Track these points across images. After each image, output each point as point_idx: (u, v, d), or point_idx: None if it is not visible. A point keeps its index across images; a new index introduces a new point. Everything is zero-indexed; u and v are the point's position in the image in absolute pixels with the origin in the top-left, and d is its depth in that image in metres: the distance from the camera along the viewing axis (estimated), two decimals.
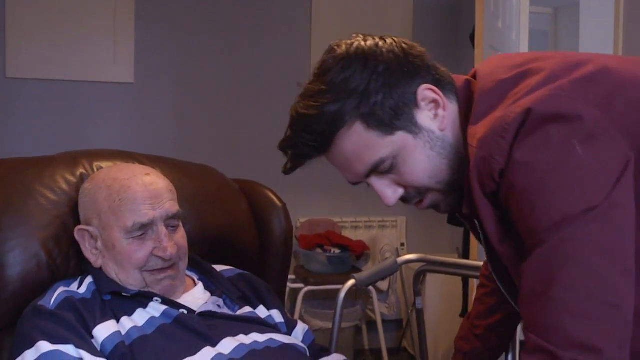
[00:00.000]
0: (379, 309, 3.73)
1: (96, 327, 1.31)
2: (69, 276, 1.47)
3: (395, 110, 1.09)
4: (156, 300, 1.40)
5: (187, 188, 1.68)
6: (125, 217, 1.38)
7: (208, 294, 1.51)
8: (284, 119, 1.17)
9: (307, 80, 1.15)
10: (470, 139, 1.08)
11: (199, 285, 1.53)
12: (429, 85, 1.12)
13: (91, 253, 1.43)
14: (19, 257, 1.42)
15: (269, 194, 1.88)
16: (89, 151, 1.67)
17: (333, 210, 4.01)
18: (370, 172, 1.13)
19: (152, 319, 1.36)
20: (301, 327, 1.61)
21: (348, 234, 4.00)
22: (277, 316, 1.57)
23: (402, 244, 4.16)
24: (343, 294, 1.90)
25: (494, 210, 1.07)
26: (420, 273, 2.08)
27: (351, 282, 1.88)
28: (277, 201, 1.87)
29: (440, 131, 1.13)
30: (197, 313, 1.41)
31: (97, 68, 3.76)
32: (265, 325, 1.47)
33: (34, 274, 1.43)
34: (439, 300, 3.66)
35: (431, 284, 3.68)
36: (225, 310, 1.47)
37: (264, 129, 3.54)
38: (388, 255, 3.84)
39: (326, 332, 3.35)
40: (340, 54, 1.11)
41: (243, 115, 3.96)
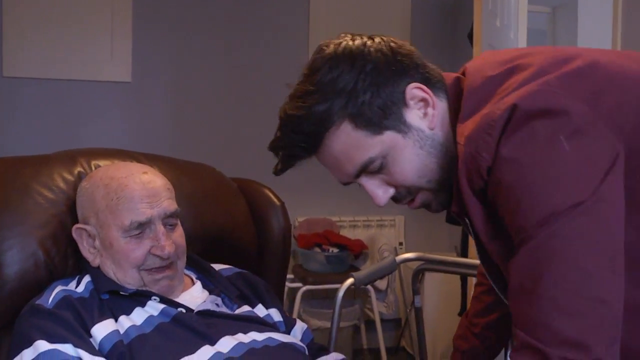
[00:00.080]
0: (378, 308, 3.73)
1: (94, 326, 1.31)
2: (66, 275, 1.46)
3: (384, 109, 1.09)
4: (154, 299, 1.39)
5: (185, 187, 1.67)
6: (123, 216, 1.37)
7: (206, 292, 1.51)
8: None
9: (296, 81, 1.14)
10: (458, 136, 1.07)
11: (197, 284, 1.53)
12: (417, 84, 1.12)
13: (89, 252, 1.43)
14: (16, 256, 1.42)
15: (267, 192, 1.88)
16: (87, 150, 1.67)
17: (331, 210, 4.01)
18: (360, 172, 1.13)
19: (151, 318, 1.36)
20: (300, 326, 1.61)
21: (346, 233, 3.99)
22: (276, 315, 1.57)
23: (401, 243, 4.16)
24: (341, 293, 1.90)
25: (482, 207, 1.06)
26: (419, 272, 2.07)
27: (350, 281, 1.88)
28: (276, 200, 1.87)
29: (430, 130, 1.12)
30: (196, 312, 1.40)
31: (95, 67, 3.75)
32: (263, 324, 1.47)
33: (32, 273, 1.43)
34: (438, 299, 3.66)
35: (430, 282, 3.68)
36: (223, 309, 1.47)
37: (262, 127, 3.50)
38: (386, 255, 3.84)
39: (324, 332, 3.35)
40: (328, 54, 1.11)
41: (241, 114, 3.95)
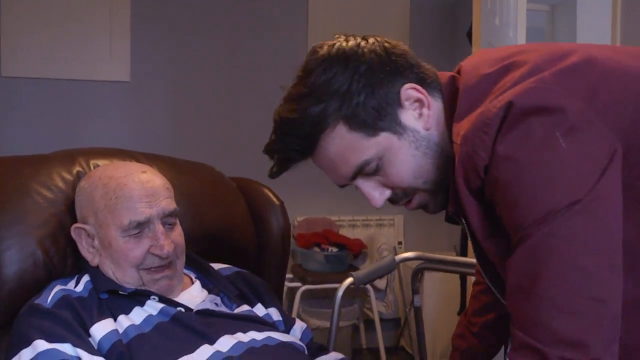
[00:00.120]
0: (377, 308, 3.73)
1: (93, 326, 1.30)
2: (65, 275, 1.46)
3: (379, 110, 1.08)
4: (153, 298, 1.39)
5: (185, 186, 1.67)
6: (122, 215, 1.37)
7: (205, 292, 1.51)
8: None
9: (291, 83, 1.14)
10: (454, 136, 1.06)
11: (196, 284, 1.53)
12: (412, 85, 1.11)
13: (88, 251, 1.43)
14: (15, 256, 1.42)
15: (267, 192, 1.87)
16: (86, 149, 1.67)
17: (330, 209, 4.00)
18: (356, 174, 1.12)
19: (150, 317, 1.36)
20: (299, 325, 1.61)
21: (345, 232, 3.99)
22: (275, 314, 1.57)
23: (400, 243, 4.16)
24: (341, 292, 1.89)
25: (479, 206, 1.06)
26: (418, 271, 2.07)
27: (349, 280, 1.88)
28: (275, 199, 1.87)
29: (425, 130, 1.12)
30: (195, 311, 1.40)
31: (93, 67, 3.75)
32: (263, 324, 1.47)
33: (31, 273, 1.43)
34: (437, 299, 3.66)
35: (429, 282, 3.67)
36: (222, 309, 1.46)
37: (261, 127, 3.51)
38: (385, 254, 3.84)
39: (324, 331, 3.35)
40: (322, 55, 1.10)
41: (240, 114, 3.95)
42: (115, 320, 1.34)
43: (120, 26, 3.77)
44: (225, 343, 1.33)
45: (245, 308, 1.50)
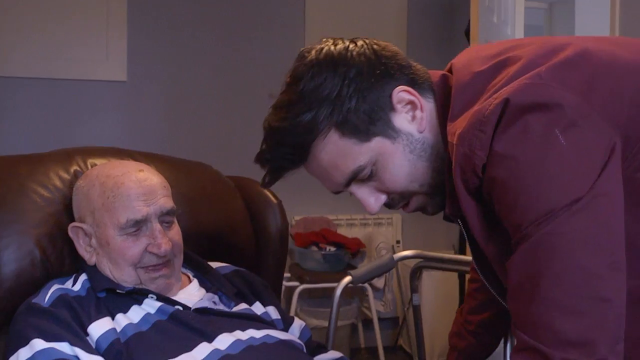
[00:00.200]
0: (375, 307, 3.72)
1: (91, 325, 1.30)
2: (63, 274, 1.46)
3: (370, 115, 1.06)
4: (151, 297, 1.39)
5: (182, 185, 1.67)
6: (119, 214, 1.36)
7: (203, 290, 1.50)
8: None
9: (279, 90, 1.12)
10: (450, 136, 1.05)
11: (194, 282, 1.52)
12: (404, 87, 1.09)
13: (85, 250, 1.42)
14: (12, 255, 1.41)
15: (265, 190, 1.87)
16: (83, 148, 1.66)
17: (328, 208, 4.00)
18: (350, 181, 1.11)
19: (148, 316, 1.35)
20: (298, 324, 1.60)
21: (343, 231, 3.98)
22: (274, 313, 1.57)
23: (398, 242, 4.15)
24: (339, 291, 1.89)
25: (478, 207, 1.04)
26: (417, 269, 2.07)
27: (347, 279, 1.87)
28: (273, 198, 1.87)
29: (419, 133, 1.10)
30: (193, 309, 1.40)
31: (90, 66, 3.74)
32: (261, 322, 1.46)
33: (28, 272, 1.42)
34: (436, 298, 3.65)
35: (427, 281, 3.67)
36: (221, 307, 1.46)
37: (259, 126, 3.51)
38: (384, 253, 3.83)
39: (322, 330, 3.34)
40: (310, 60, 1.09)
41: (237, 113, 3.94)
42: (113, 319, 1.33)
43: (117, 26, 3.76)
44: (223, 341, 1.33)
45: (243, 306, 1.50)
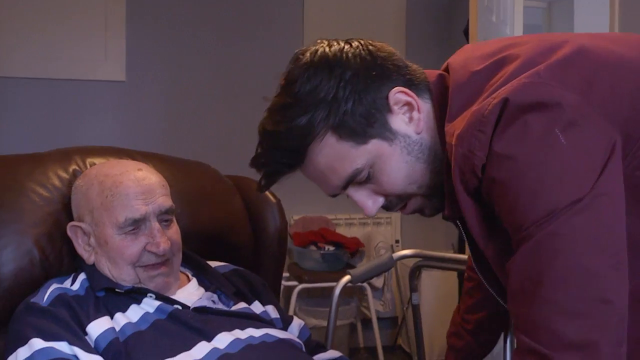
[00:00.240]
0: (374, 307, 3.72)
1: (90, 324, 1.30)
2: (62, 273, 1.45)
3: (367, 117, 1.05)
4: (150, 296, 1.39)
5: (181, 184, 1.67)
6: (117, 213, 1.36)
7: (202, 289, 1.50)
8: None
9: (274, 93, 1.11)
10: (448, 137, 1.03)
11: (193, 281, 1.52)
12: (400, 88, 1.08)
13: (84, 249, 1.42)
14: (11, 255, 1.41)
15: None
16: (82, 147, 1.66)
17: (327, 207, 3.99)
18: (347, 184, 1.10)
19: (146, 315, 1.35)
20: (297, 323, 1.60)
21: (342, 231, 3.98)
22: (272, 312, 1.57)
23: (397, 241, 4.15)
24: (338, 290, 1.89)
25: (477, 208, 1.03)
26: (417, 268, 2.07)
27: (346, 278, 1.87)
28: (272, 197, 1.86)
29: (417, 134, 1.09)
30: (192, 308, 1.40)
31: (89, 66, 3.74)
32: (260, 321, 1.46)
33: (27, 271, 1.42)
34: (435, 297, 3.65)
35: (426, 281, 3.67)
36: (220, 306, 1.46)
37: (258, 125, 3.52)
38: (383, 252, 3.83)
39: (321, 330, 3.34)
40: (305, 62, 1.07)
41: (236, 112, 3.94)
42: (112, 318, 1.33)
43: (116, 26, 3.76)
44: (222, 340, 1.32)
45: (242, 305, 1.50)
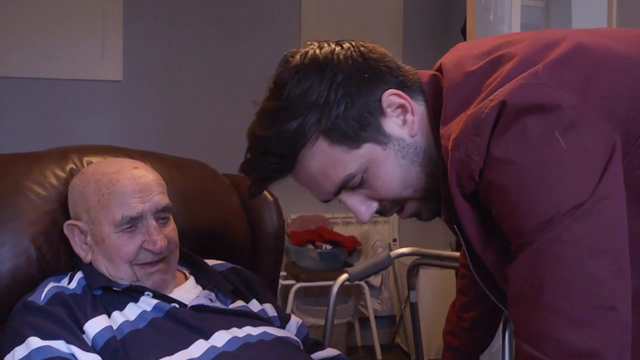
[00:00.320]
0: (372, 305, 3.72)
1: (87, 322, 1.30)
2: (59, 272, 1.45)
3: (360, 121, 1.03)
4: (147, 294, 1.38)
5: (178, 182, 1.67)
6: (114, 211, 1.36)
7: (200, 288, 1.50)
8: None
9: (263, 97, 1.08)
10: (443, 140, 1.01)
11: (190, 280, 1.52)
12: (393, 90, 1.05)
13: (81, 248, 1.42)
14: (8, 253, 1.41)
15: None
16: (79, 146, 1.66)
17: (324, 206, 3.93)
18: (340, 189, 1.07)
19: (144, 313, 1.35)
20: (295, 321, 1.60)
21: (339, 229, 3.98)
22: (270, 310, 1.57)
23: (395, 240, 4.14)
24: (336, 289, 1.89)
25: (474, 212, 1.01)
26: (414, 267, 2.07)
27: (344, 277, 1.87)
28: (269, 196, 1.86)
29: (411, 137, 1.06)
30: (189, 307, 1.40)
31: (86, 66, 3.73)
32: (258, 319, 1.46)
33: (24, 270, 1.42)
34: (433, 295, 3.65)
35: (424, 279, 3.67)
36: (217, 304, 1.46)
37: None
38: (380, 251, 3.83)
39: (318, 329, 3.34)
40: (295, 65, 1.05)
41: (233, 111, 3.91)
42: (109, 316, 1.33)
43: (113, 26, 3.75)
44: (220, 338, 1.32)
45: (240, 304, 1.50)
